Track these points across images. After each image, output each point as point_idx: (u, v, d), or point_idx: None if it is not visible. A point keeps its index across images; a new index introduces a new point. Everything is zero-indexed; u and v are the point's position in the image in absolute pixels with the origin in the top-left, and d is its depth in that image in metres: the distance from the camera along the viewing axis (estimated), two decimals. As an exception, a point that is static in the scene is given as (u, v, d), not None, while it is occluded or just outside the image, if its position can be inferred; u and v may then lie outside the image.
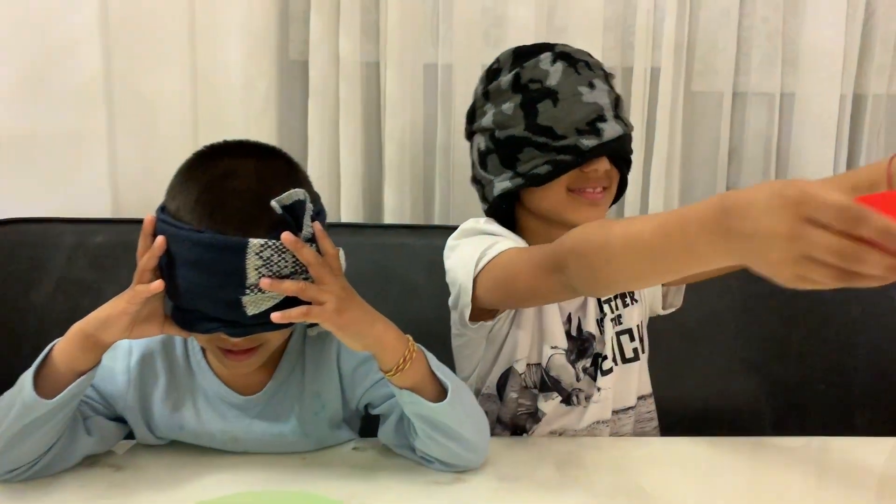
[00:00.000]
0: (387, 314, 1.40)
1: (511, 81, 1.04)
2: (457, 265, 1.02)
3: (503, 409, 1.08)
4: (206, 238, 0.79)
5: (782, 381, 1.39)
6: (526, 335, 1.06)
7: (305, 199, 0.81)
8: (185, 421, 0.94)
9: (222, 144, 0.88)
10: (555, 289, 0.87)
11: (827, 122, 1.56)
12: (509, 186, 1.03)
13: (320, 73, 1.52)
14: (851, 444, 1.05)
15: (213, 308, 0.81)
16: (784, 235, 0.56)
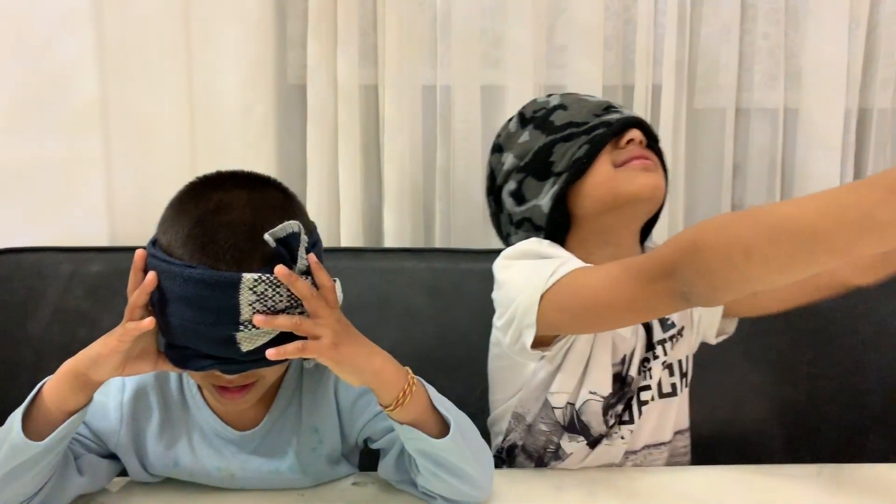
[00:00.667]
0: (387, 339, 1.38)
1: (518, 121, 1.08)
2: (515, 283, 0.95)
3: (529, 439, 1.04)
4: (197, 274, 0.77)
5: (792, 404, 1.36)
6: (574, 368, 1.00)
7: (300, 231, 0.79)
8: (179, 457, 0.92)
9: (215, 176, 0.87)
10: (658, 299, 0.81)
11: (831, 138, 1.54)
12: (557, 189, 1.00)
13: (319, 98, 1.50)
14: (864, 472, 1.02)
15: (207, 345, 0.80)
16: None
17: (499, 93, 1.55)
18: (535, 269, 0.94)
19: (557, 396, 0.99)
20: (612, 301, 0.86)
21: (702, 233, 0.75)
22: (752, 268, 0.69)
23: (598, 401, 0.98)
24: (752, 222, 0.69)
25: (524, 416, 1.03)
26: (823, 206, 0.62)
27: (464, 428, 0.86)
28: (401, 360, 1.37)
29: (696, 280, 0.75)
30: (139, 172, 1.53)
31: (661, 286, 0.79)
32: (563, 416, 1.00)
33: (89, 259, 1.41)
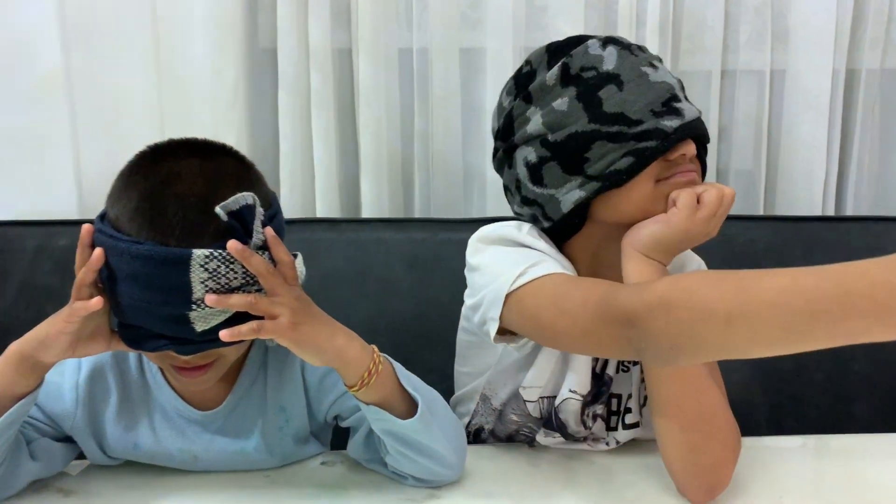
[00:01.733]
0: (365, 312, 1.37)
1: (559, 75, 0.88)
2: (485, 271, 0.89)
3: (499, 426, 1.00)
4: (145, 251, 0.73)
5: (778, 372, 1.34)
6: (548, 364, 0.94)
7: (255, 203, 0.75)
8: (140, 439, 0.89)
9: (166, 144, 0.82)
10: (615, 343, 0.74)
11: (819, 99, 1.50)
12: (583, 195, 0.87)
13: (290, 63, 1.45)
14: (848, 442, 1.00)
15: (159, 325, 0.76)
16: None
17: (478, 56, 1.50)
18: (507, 262, 0.87)
19: (530, 391, 0.94)
20: (569, 330, 0.80)
21: (677, 290, 0.67)
22: (733, 336, 0.61)
23: (578, 399, 0.93)
24: (739, 287, 0.61)
25: (491, 398, 1.00)
26: (832, 287, 0.55)
27: (434, 407, 0.84)
28: (379, 332, 1.34)
29: (659, 338, 0.68)
30: (107, 142, 1.48)
31: (618, 332, 0.72)
32: (538, 410, 0.96)
33: (56, 233, 1.37)
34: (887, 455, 0.97)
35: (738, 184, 1.58)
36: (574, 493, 0.89)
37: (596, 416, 0.97)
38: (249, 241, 0.75)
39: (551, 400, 0.95)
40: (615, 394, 0.98)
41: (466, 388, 1.04)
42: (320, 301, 1.37)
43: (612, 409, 0.98)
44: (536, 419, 0.96)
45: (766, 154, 1.55)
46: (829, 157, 1.53)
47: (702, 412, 0.86)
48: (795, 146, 1.53)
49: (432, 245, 1.38)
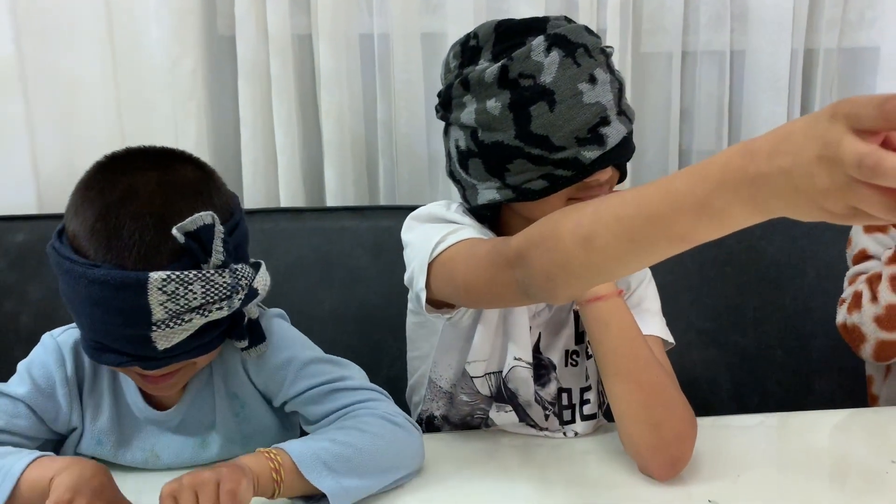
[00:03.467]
0: (330, 302, 1.36)
1: (497, 75, 0.88)
2: (414, 246, 0.94)
3: (452, 410, 1.02)
4: (101, 275, 0.72)
5: (740, 350, 1.36)
6: (488, 335, 0.96)
7: (214, 222, 0.74)
8: (102, 433, 0.88)
9: (123, 155, 0.80)
10: (509, 288, 0.77)
11: (778, 79, 1.52)
12: (497, 198, 0.92)
13: (249, 49, 1.43)
14: (808, 419, 1.03)
15: (121, 343, 0.76)
16: (831, 155, 0.47)
17: (440, 40, 1.49)
18: (430, 234, 0.90)
19: (475, 366, 0.96)
20: (476, 284, 0.83)
21: (546, 223, 0.71)
22: (591, 256, 0.65)
23: (525, 367, 0.95)
24: (592, 210, 0.66)
25: (438, 382, 1.01)
26: (661, 192, 0.58)
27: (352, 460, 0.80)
28: (345, 322, 1.35)
29: (537, 271, 0.71)
30: (64, 134, 1.45)
31: (509, 275, 0.75)
32: (486, 385, 0.98)
33: (13, 228, 1.34)
34: (843, 431, 0.99)
35: (701, 164, 1.59)
36: (533, 476, 0.90)
37: (547, 408, 0.98)
38: (208, 261, 0.74)
39: (498, 375, 0.97)
40: (565, 388, 1.00)
41: (417, 373, 1.05)
42: (285, 292, 1.37)
43: (563, 403, 0.99)
44: (487, 397, 0.98)
45: (727, 133, 1.56)
46: (789, 137, 1.55)
47: (659, 389, 0.88)
48: (756, 126, 1.55)
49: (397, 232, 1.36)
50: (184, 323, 0.74)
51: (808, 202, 0.51)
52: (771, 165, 0.51)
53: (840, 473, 0.89)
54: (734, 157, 0.54)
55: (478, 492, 0.87)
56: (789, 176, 0.50)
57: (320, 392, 0.87)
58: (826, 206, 0.50)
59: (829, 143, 0.48)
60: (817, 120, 0.49)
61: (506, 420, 0.98)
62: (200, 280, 0.74)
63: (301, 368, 0.87)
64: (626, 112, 0.92)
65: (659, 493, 0.86)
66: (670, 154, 1.57)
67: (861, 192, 0.48)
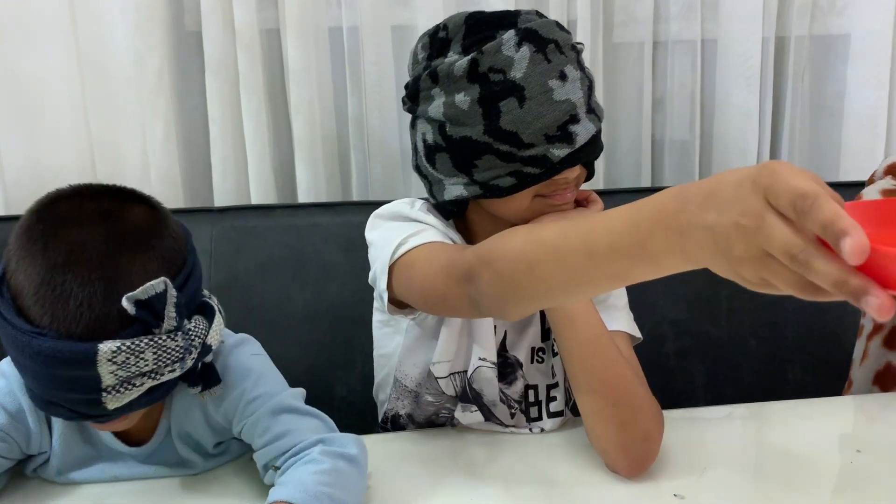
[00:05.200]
0: (302, 299, 1.35)
1: (466, 69, 0.86)
2: (377, 245, 0.93)
3: (417, 409, 1.01)
4: (48, 347, 0.69)
5: (713, 340, 1.36)
6: (452, 336, 0.95)
7: (166, 288, 0.71)
8: (69, 458, 0.86)
9: (69, 196, 0.76)
10: (462, 302, 0.76)
11: (750, 67, 1.52)
12: (464, 194, 0.90)
13: (216, 45, 1.41)
14: (776, 409, 1.03)
15: (71, 403, 0.74)
16: (749, 226, 0.48)
17: (410, 33, 1.48)
18: (393, 234, 0.89)
19: (440, 367, 0.95)
20: (432, 294, 0.83)
21: (497, 244, 0.71)
22: (536, 284, 0.66)
23: (489, 367, 0.95)
24: (537, 236, 0.66)
25: (403, 381, 1.00)
26: (600, 229, 0.59)
27: None
28: (318, 318, 1.34)
29: (487, 289, 0.72)
30: (29, 134, 1.43)
31: (463, 289, 0.75)
32: (451, 386, 0.97)
33: (-21, 230, 1.32)
34: (810, 420, 0.99)
35: (673, 154, 1.59)
36: (500, 474, 0.90)
37: (513, 406, 0.98)
38: (161, 325, 0.72)
39: (463, 375, 0.96)
40: (531, 385, 0.99)
41: (383, 372, 1.04)
42: (257, 291, 1.36)
43: (529, 400, 0.99)
44: (452, 397, 0.97)
45: (700, 124, 1.56)
46: (762, 125, 1.55)
47: (626, 387, 0.88)
48: (728, 115, 1.55)
49: (369, 228, 1.37)
50: (134, 388, 0.72)
51: (726, 264, 0.51)
52: (699, 217, 0.51)
53: (805, 464, 0.89)
54: (669, 202, 0.54)
55: (445, 490, 0.86)
56: (712, 232, 0.50)
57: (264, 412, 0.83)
58: (740, 272, 0.50)
59: (749, 213, 0.48)
60: (742, 182, 0.49)
61: (471, 420, 0.97)
62: (152, 347, 0.71)
63: (247, 404, 0.84)
64: (595, 110, 0.91)
65: (625, 488, 0.86)
66: (643, 144, 1.57)
67: (774, 267, 0.48)
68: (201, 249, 1.31)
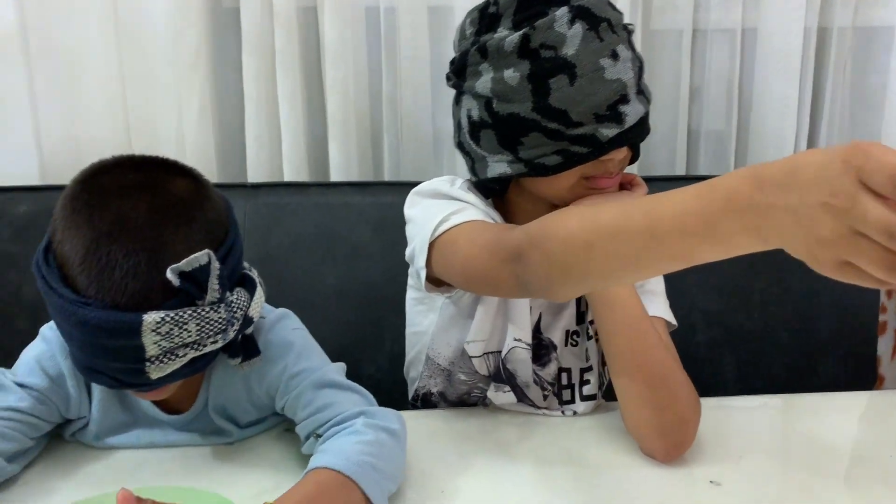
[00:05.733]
0: (332, 277, 1.36)
1: (517, 44, 0.85)
2: (416, 222, 0.93)
3: (449, 388, 1.01)
4: (93, 317, 0.70)
5: (745, 332, 1.35)
6: (488, 316, 0.95)
7: (210, 261, 0.72)
8: (107, 423, 0.88)
9: (112, 166, 0.77)
10: (507, 282, 0.76)
11: (790, 58, 1.49)
12: (508, 172, 0.89)
13: (254, 22, 1.41)
14: (812, 401, 1.02)
15: (113, 372, 0.75)
16: (840, 206, 0.47)
17: (447, 14, 1.47)
18: (433, 212, 0.89)
19: (474, 346, 0.95)
20: (475, 272, 0.83)
21: (549, 223, 0.71)
22: (591, 264, 0.65)
23: (524, 348, 0.94)
24: (594, 216, 0.65)
25: (436, 359, 1.00)
26: (666, 209, 0.58)
27: (373, 465, 0.76)
28: (347, 297, 1.35)
29: (537, 270, 0.71)
30: (67, 106, 1.44)
31: (509, 269, 0.75)
32: (484, 365, 0.97)
33: (16, 199, 1.34)
34: (847, 414, 0.98)
35: (709, 144, 1.57)
36: (531, 454, 0.90)
37: (546, 388, 0.98)
38: (204, 298, 0.72)
39: (497, 355, 0.96)
40: (565, 368, 0.99)
41: (415, 349, 1.04)
42: (288, 267, 1.36)
43: (562, 383, 0.99)
44: (485, 377, 0.97)
45: (737, 114, 1.54)
46: (800, 116, 1.53)
47: (663, 371, 0.88)
48: (766, 105, 1.53)
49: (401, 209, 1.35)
50: (177, 358, 0.73)
51: (803, 243, 0.50)
52: (778, 198, 0.50)
53: (842, 458, 0.89)
54: (743, 184, 0.53)
55: (475, 468, 0.86)
56: (794, 213, 0.49)
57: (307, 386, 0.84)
58: (817, 254, 0.49)
59: (839, 193, 0.47)
60: (829, 162, 0.48)
61: (504, 400, 0.97)
62: (195, 318, 0.72)
63: (290, 379, 0.85)
64: (644, 92, 0.90)
65: (660, 473, 0.85)
66: (679, 134, 1.55)
67: (862, 247, 0.47)
68: (234, 225, 1.34)
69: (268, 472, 0.85)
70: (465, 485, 0.83)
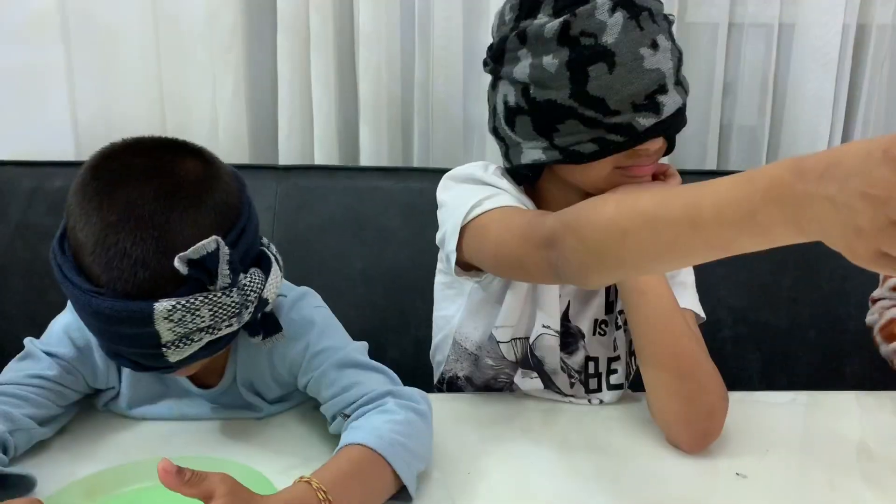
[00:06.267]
0: (360, 261, 1.37)
1: (558, 31, 0.85)
2: (448, 206, 0.93)
3: (476, 372, 1.01)
4: (106, 306, 0.71)
5: (771, 329, 1.34)
6: (517, 302, 0.95)
7: (218, 247, 0.71)
8: (138, 394, 0.90)
9: (121, 151, 0.76)
10: (539, 267, 0.76)
11: (828, 54, 1.48)
12: (542, 158, 0.89)
13: (289, 4, 1.42)
14: (837, 399, 1.01)
15: (133, 356, 0.76)
16: (880, 195, 0.47)
17: (481, 1, 1.47)
18: (466, 196, 0.89)
19: (502, 331, 0.96)
20: (507, 257, 0.83)
21: (585, 210, 0.70)
22: (627, 251, 0.65)
23: (553, 335, 0.95)
24: (632, 204, 0.64)
25: (463, 344, 1.00)
26: (706, 198, 0.57)
27: (404, 444, 0.77)
28: (374, 281, 1.36)
29: (571, 256, 0.71)
30: (103, 83, 1.46)
31: (542, 254, 0.75)
32: (512, 351, 0.97)
33: (52, 174, 1.36)
34: (873, 412, 0.97)
35: (741, 139, 1.56)
36: (555, 440, 0.90)
37: (573, 375, 0.98)
38: (215, 283, 0.72)
39: (524, 341, 0.97)
40: (592, 357, 0.99)
41: (441, 333, 1.05)
42: (317, 250, 1.37)
43: (589, 371, 0.99)
44: (512, 363, 0.98)
45: (770, 110, 1.53)
46: (835, 114, 1.51)
47: (694, 362, 0.88)
48: (801, 102, 1.51)
49: (428, 194, 1.34)
50: (193, 343, 0.74)
51: (841, 234, 0.49)
52: (818, 188, 0.50)
53: (867, 456, 0.88)
54: (784, 174, 0.52)
55: (499, 453, 0.87)
56: (833, 203, 0.49)
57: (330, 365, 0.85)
58: (855, 245, 0.49)
59: (879, 183, 0.47)
60: (870, 152, 0.48)
61: (530, 386, 0.97)
62: (207, 304, 0.72)
63: (313, 357, 0.85)
64: (682, 83, 0.90)
65: (685, 464, 0.85)
66: (711, 128, 1.54)
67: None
68: (266, 206, 1.35)
69: (296, 448, 0.86)
70: (491, 467, 0.84)
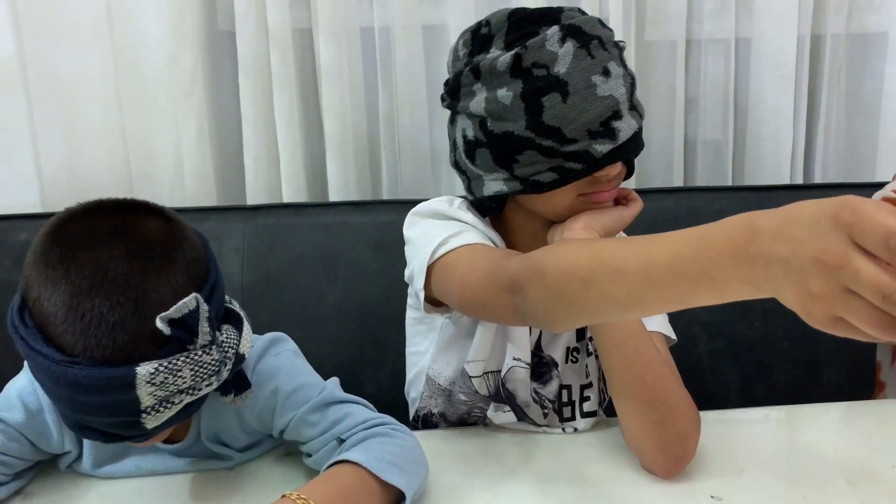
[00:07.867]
0: (333, 297, 1.36)
1: (510, 64, 0.86)
2: (415, 243, 0.93)
3: (449, 408, 1.01)
4: (83, 375, 0.67)
5: (746, 341, 1.35)
6: (488, 335, 0.95)
7: (198, 304, 0.70)
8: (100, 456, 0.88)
9: (81, 215, 0.73)
10: (505, 310, 0.77)
11: (785, 66, 1.50)
12: (504, 189, 0.90)
13: (249, 45, 1.42)
14: (814, 412, 1.01)
15: (107, 427, 0.73)
16: (831, 263, 0.47)
17: (441, 33, 1.48)
18: (432, 233, 0.90)
19: (474, 365, 0.96)
20: (472, 298, 0.83)
21: (549, 257, 0.71)
22: (590, 301, 0.65)
23: (524, 368, 0.95)
24: (595, 253, 0.65)
25: (436, 379, 1.00)
26: (664, 255, 0.57)
27: (401, 456, 0.80)
28: (348, 316, 1.35)
29: (536, 303, 0.71)
30: (66, 133, 1.46)
31: (507, 299, 0.75)
32: (484, 385, 0.97)
33: (17, 227, 1.34)
34: (848, 424, 0.98)
35: (706, 154, 1.58)
36: (532, 473, 0.89)
37: (546, 405, 0.98)
38: (195, 342, 0.71)
39: (496, 375, 0.96)
40: (565, 385, 0.99)
41: (415, 369, 1.04)
42: (288, 288, 1.37)
43: (563, 400, 0.99)
44: (485, 397, 0.97)
45: (733, 123, 1.55)
46: (797, 125, 1.53)
47: (664, 387, 0.88)
48: (762, 114, 1.53)
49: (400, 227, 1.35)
50: (173, 406, 0.72)
51: (796, 296, 0.50)
52: (772, 249, 0.50)
53: (844, 468, 0.88)
54: (738, 234, 0.53)
55: (477, 489, 0.86)
56: (787, 267, 0.49)
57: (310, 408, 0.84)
58: (809, 308, 0.49)
59: (829, 250, 0.47)
60: (820, 218, 0.48)
61: (504, 420, 0.97)
62: (189, 364, 0.70)
63: (287, 398, 0.84)
64: (637, 107, 0.91)
65: (661, 489, 0.85)
66: (675, 144, 1.55)
67: (853, 305, 0.47)
68: (234, 247, 1.34)
69: (271, 495, 0.84)
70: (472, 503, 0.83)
